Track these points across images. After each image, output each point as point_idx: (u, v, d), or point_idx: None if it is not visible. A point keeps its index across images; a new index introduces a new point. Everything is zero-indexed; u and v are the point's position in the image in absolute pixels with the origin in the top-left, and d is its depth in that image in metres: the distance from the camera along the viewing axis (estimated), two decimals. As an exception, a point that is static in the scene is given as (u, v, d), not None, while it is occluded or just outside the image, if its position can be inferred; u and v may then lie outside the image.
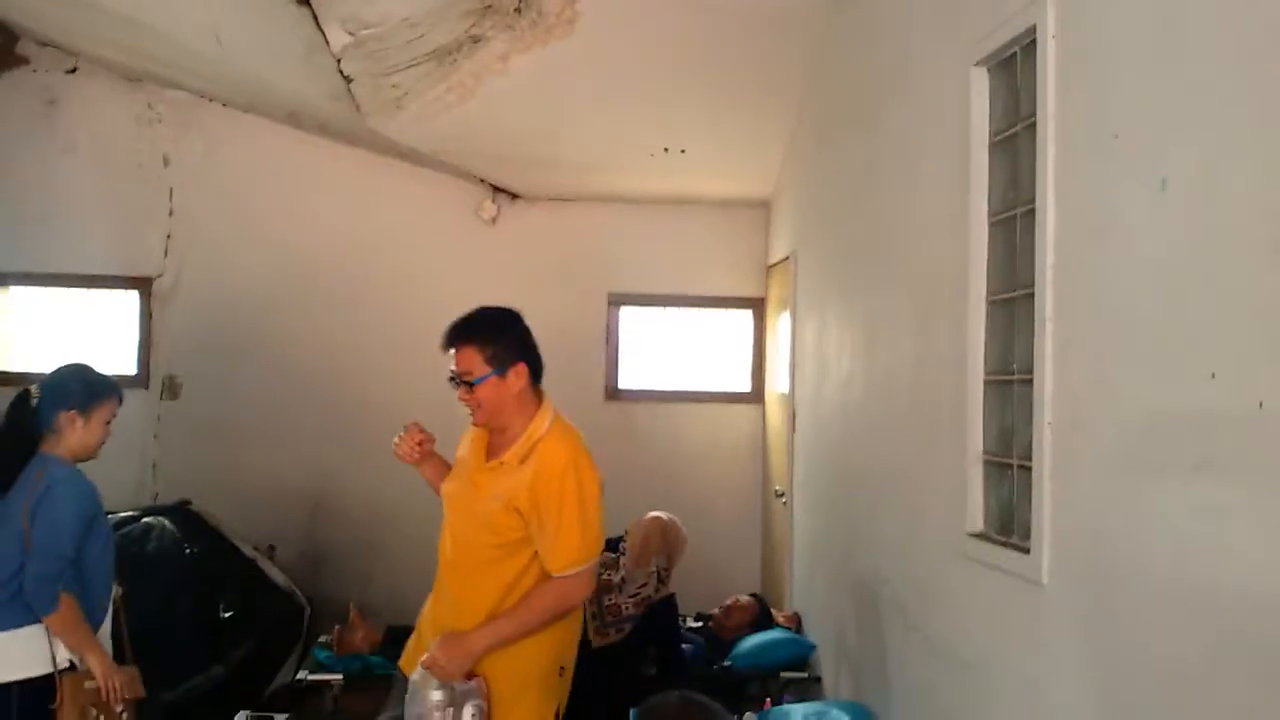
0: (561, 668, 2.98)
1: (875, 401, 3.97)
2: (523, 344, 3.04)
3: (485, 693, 2.81)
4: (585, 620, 4.25)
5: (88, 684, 3.13)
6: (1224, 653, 1.87)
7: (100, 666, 3.15)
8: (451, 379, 2.96)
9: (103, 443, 3.38)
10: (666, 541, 4.41)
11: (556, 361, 6.31)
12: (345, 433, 6.34)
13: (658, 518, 4.48)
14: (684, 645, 4.74)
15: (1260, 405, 1.77)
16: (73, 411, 3.28)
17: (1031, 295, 2.59)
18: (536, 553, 2.89)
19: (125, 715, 3.23)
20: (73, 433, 3.29)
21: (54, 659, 3.11)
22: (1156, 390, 2.10)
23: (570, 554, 2.86)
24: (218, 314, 6.34)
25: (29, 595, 3.10)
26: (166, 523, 5.70)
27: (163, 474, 6.24)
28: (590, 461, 2.98)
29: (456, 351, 2.95)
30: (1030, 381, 2.58)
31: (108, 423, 3.37)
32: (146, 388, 6.30)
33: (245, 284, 6.34)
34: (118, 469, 6.23)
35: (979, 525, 2.95)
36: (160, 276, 6.38)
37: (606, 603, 4.26)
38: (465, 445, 3.15)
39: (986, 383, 2.92)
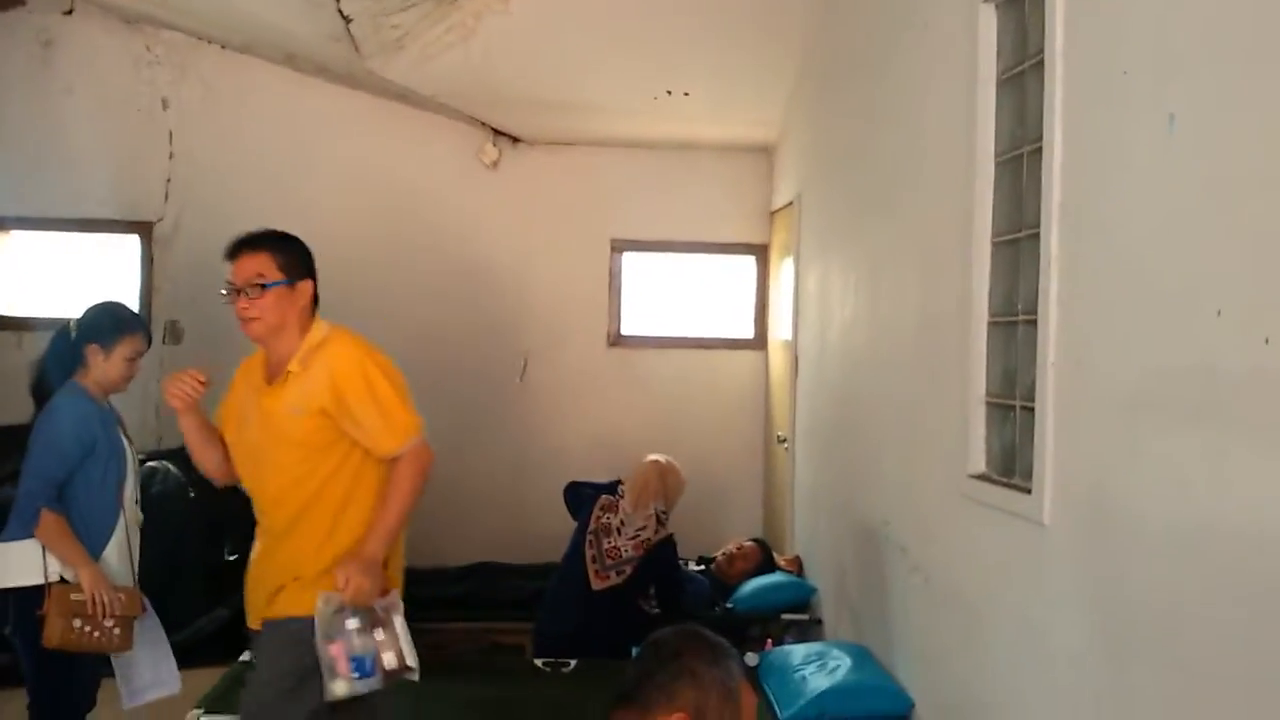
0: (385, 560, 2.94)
1: (878, 345, 3.96)
2: (309, 264, 3.05)
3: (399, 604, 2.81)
4: (585, 563, 4.28)
5: (74, 596, 3.21)
6: (1224, 592, 1.87)
7: (88, 580, 3.23)
8: (234, 289, 2.94)
9: (127, 378, 3.48)
10: (665, 484, 4.42)
11: (559, 308, 6.45)
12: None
13: (656, 461, 4.49)
14: (691, 583, 4.76)
15: (1266, 341, 1.76)
16: (95, 345, 3.38)
17: (1037, 236, 2.57)
18: (351, 447, 2.88)
19: (117, 631, 3.30)
20: (95, 366, 3.39)
21: (45, 570, 3.23)
22: (1161, 328, 2.08)
23: (405, 425, 2.89)
24: (219, 258, 6.28)
25: (17, 510, 3.27)
26: (171, 466, 5.73)
27: (166, 418, 6.22)
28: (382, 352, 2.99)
29: (247, 258, 2.97)
30: (1034, 322, 2.57)
31: (130, 359, 3.45)
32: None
33: (246, 228, 6.27)
34: (120, 412, 6.25)
35: (981, 467, 2.95)
36: (160, 220, 6.34)
37: (606, 545, 4.28)
38: (231, 397, 3.09)
39: (990, 324, 2.91)
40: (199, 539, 5.52)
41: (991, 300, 2.91)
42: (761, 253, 6.53)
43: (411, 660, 2.77)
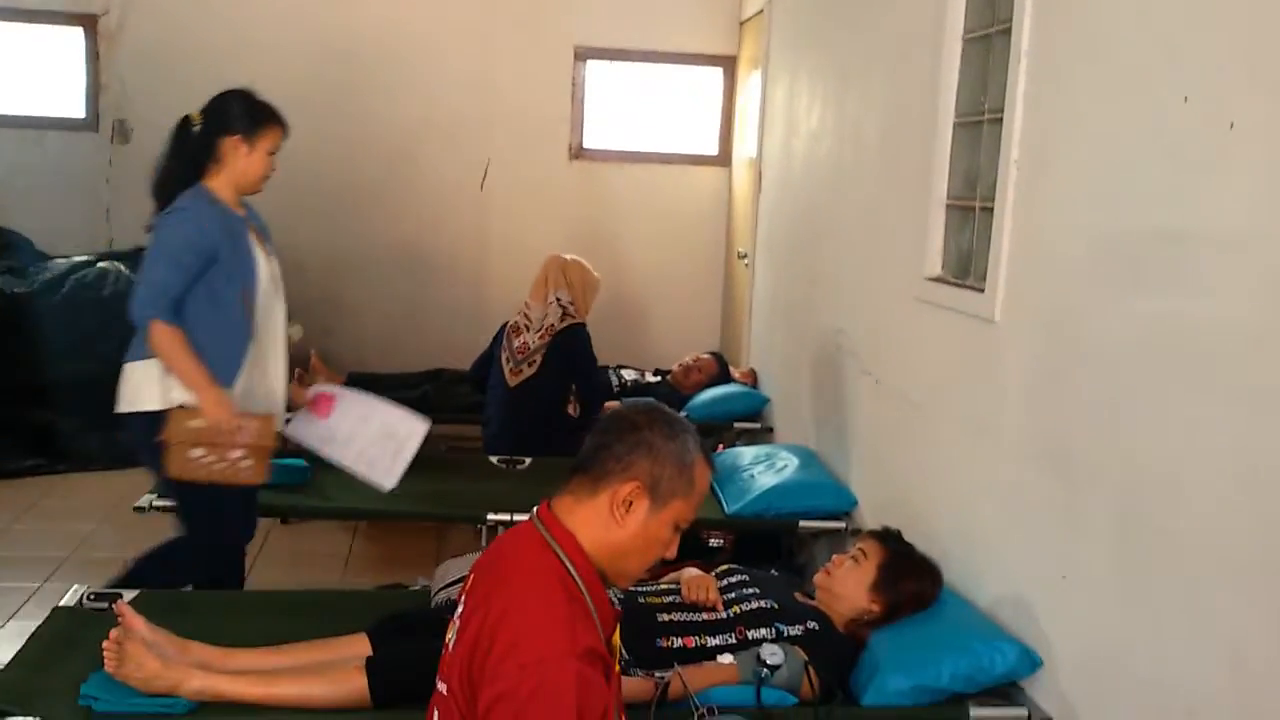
0: None
1: (843, 154, 3.91)
2: None
3: None
4: (501, 364, 4.35)
5: (193, 423, 2.88)
6: (1170, 379, 1.91)
7: (208, 404, 2.88)
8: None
9: (266, 176, 3.11)
10: (566, 275, 4.44)
11: (520, 117, 6.31)
12: (304, 183, 6.18)
13: (557, 255, 4.54)
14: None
15: (1231, 126, 1.75)
16: (237, 137, 3.01)
17: (1009, 30, 2.52)
18: None
19: (247, 462, 2.96)
20: (236, 161, 3.02)
21: (167, 395, 2.91)
22: (1126, 119, 2.07)
23: None
24: (169, 55, 6.05)
25: (130, 310, 2.90)
26: (122, 268, 5.64)
27: (117, 220, 6.10)
28: None
29: None
30: (1000, 120, 2.55)
31: (272, 154, 3.09)
32: (96, 131, 6.08)
33: (196, 23, 6.03)
34: (69, 214, 6.10)
35: (937, 269, 2.97)
36: (105, 14, 6.06)
37: (517, 344, 4.36)
38: None
39: (956, 125, 2.88)
40: (154, 341, 5.49)
41: (959, 100, 2.87)
42: (729, 65, 6.38)
43: None
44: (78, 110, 6.10)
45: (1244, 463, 1.72)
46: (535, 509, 1.76)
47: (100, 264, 5.66)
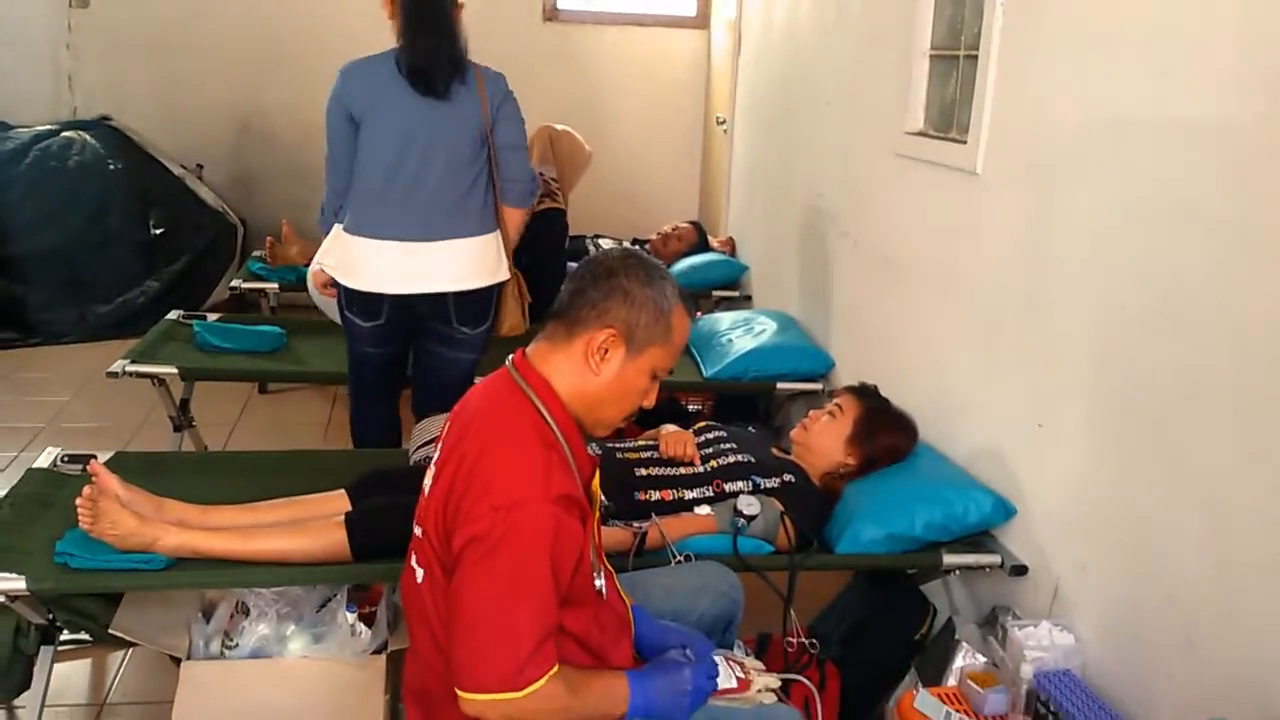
0: None
1: (825, 7, 3.80)
2: None
3: None
4: None
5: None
6: (1156, 210, 1.89)
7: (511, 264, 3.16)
8: None
9: None
10: (556, 149, 4.27)
11: (491, -23, 6.05)
12: (272, 47, 6.01)
13: (547, 126, 4.34)
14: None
15: (1222, -43, 1.70)
16: (462, 6, 2.98)
17: None
18: None
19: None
20: (459, 26, 2.97)
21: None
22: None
23: None
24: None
25: (524, 193, 3.03)
26: (88, 137, 5.51)
27: (80, 87, 5.94)
28: None
29: None
30: (987, -36, 2.47)
31: None
32: (53, -6, 5.87)
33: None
34: (29, 81, 5.92)
35: (919, 124, 2.91)
36: None
37: None
38: None
39: (941, -30, 2.79)
40: (124, 212, 5.38)
41: (944, -56, 2.78)
42: (709, -79, 6.17)
43: None
44: (33, -31, 5.87)
45: (1225, 312, 1.71)
46: (510, 357, 1.74)
47: (65, 133, 5.52)
